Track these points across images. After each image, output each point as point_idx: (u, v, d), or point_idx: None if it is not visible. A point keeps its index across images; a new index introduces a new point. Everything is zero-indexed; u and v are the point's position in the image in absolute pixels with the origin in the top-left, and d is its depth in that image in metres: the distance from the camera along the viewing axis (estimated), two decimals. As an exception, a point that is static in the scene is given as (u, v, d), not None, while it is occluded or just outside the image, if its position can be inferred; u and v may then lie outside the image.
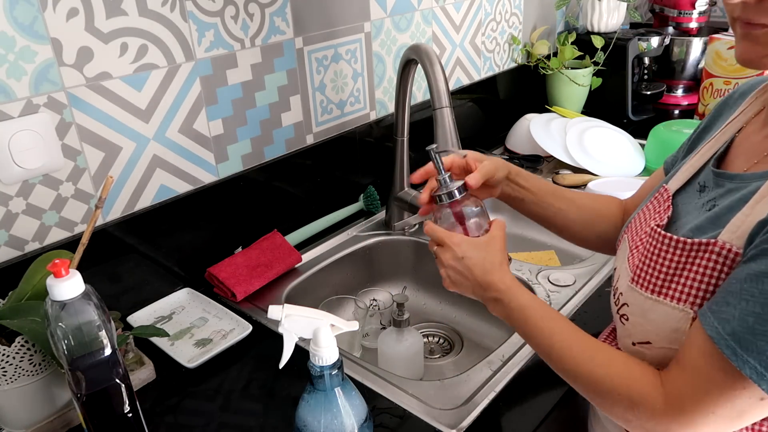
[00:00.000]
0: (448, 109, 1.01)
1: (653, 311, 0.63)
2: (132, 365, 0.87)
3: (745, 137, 0.66)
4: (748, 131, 0.66)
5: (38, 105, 0.85)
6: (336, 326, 0.65)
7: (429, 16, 1.42)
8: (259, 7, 1.07)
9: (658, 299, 0.62)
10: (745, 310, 0.51)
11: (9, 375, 0.72)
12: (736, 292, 0.53)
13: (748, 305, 0.51)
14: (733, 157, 0.65)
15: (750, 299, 0.51)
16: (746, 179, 0.59)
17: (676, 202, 0.68)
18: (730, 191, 0.60)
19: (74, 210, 0.93)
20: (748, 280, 0.52)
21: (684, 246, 0.60)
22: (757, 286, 0.51)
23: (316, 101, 1.23)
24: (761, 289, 0.50)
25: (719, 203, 0.61)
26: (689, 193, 0.67)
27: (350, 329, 0.66)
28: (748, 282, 0.52)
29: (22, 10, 0.81)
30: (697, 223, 0.62)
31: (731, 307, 0.53)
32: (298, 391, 0.66)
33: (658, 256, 0.63)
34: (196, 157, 1.06)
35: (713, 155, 0.67)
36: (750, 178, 0.59)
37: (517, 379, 0.85)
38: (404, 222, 1.27)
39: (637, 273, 0.66)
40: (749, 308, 0.51)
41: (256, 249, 1.12)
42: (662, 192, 0.71)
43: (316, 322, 0.64)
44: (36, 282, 0.77)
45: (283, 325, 0.65)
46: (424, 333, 1.19)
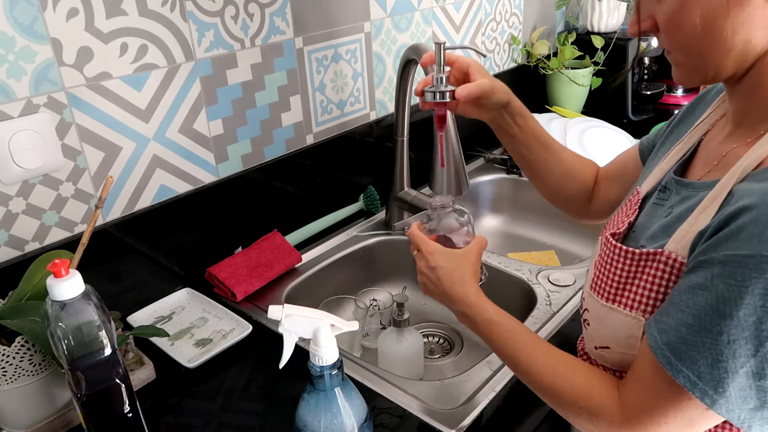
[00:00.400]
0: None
1: (609, 318, 0.64)
2: (132, 365, 0.87)
3: (706, 143, 0.66)
4: (710, 136, 0.66)
5: (38, 105, 0.85)
6: (336, 326, 0.65)
7: (429, 16, 1.42)
8: (259, 7, 1.07)
9: (612, 307, 0.64)
10: (680, 320, 0.53)
11: (9, 375, 0.72)
12: (676, 303, 0.54)
13: (683, 316, 0.52)
14: (695, 163, 0.66)
15: (685, 310, 0.52)
16: (697, 188, 0.60)
17: (645, 206, 0.69)
18: (684, 199, 0.61)
19: (74, 210, 0.93)
20: (686, 292, 0.53)
21: (633, 256, 0.62)
22: (692, 298, 0.52)
23: (316, 101, 1.23)
24: (694, 300, 0.52)
25: (674, 210, 0.62)
26: (657, 197, 0.68)
27: (350, 329, 0.66)
28: (686, 294, 0.53)
29: (22, 10, 0.81)
30: (653, 231, 0.63)
31: (670, 317, 0.54)
32: (298, 391, 0.66)
33: (611, 265, 0.65)
34: (196, 157, 1.06)
35: (678, 160, 0.68)
36: (700, 186, 0.60)
37: (516, 379, 0.85)
38: (404, 222, 1.27)
39: (595, 280, 0.68)
40: (683, 319, 0.52)
41: (256, 249, 1.12)
42: (634, 194, 0.72)
43: (316, 322, 0.64)
44: (36, 282, 0.77)
45: (283, 325, 0.65)
46: (424, 333, 1.19)
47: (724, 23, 0.53)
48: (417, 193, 1.26)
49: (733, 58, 0.55)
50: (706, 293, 0.50)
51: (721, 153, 0.61)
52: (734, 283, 0.48)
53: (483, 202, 1.54)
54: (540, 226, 1.49)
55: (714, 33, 0.54)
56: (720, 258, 0.50)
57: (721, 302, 0.49)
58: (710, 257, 0.51)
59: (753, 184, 0.51)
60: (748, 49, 0.54)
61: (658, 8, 0.58)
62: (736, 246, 0.49)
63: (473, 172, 1.54)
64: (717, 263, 0.50)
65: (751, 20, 0.52)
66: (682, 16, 0.55)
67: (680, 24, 0.55)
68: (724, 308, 0.49)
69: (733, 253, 0.49)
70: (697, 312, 0.51)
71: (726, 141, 0.62)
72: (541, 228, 1.49)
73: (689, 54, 0.57)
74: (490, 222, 1.54)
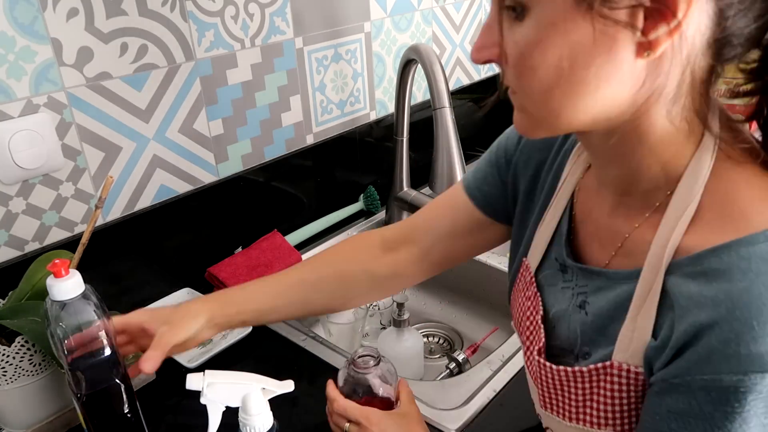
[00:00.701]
0: (448, 109, 1.01)
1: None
2: (132, 365, 0.87)
3: (586, 212, 0.58)
4: (585, 202, 0.59)
5: (38, 105, 0.85)
6: (268, 389, 0.61)
7: (429, 16, 1.42)
8: (259, 7, 1.07)
9: (578, 426, 0.57)
10: None
11: (9, 375, 0.72)
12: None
13: None
14: (585, 239, 0.58)
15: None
16: (612, 278, 0.53)
17: (540, 284, 0.62)
18: (599, 289, 0.54)
19: (74, 210, 0.93)
20: (674, 420, 0.46)
21: (583, 375, 0.55)
22: (686, 428, 0.45)
23: (316, 101, 1.23)
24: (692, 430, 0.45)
25: (591, 301, 0.55)
26: (551, 272, 0.61)
27: (284, 391, 0.61)
28: (674, 422, 0.46)
29: (22, 10, 0.81)
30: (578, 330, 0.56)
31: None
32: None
33: (562, 386, 0.57)
34: (196, 157, 1.06)
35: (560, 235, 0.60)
36: (615, 277, 0.53)
37: (516, 379, 0.85)
38: (404, 222, 1.27)
39: (547, 401, 0.60)
40: None
41: (256, 249, 1.12)
42: (524, 269, 0.64)
43: (244, 387, 0.60)
44: (36, 282, 0.77)
45: (205, 395, 0.59)
46: (424, 333, 1.19)
47: (586, 74, 0.43)
48: (417, 193, 1.26)
49: (592, 117, 0.46)
50: (705, 423, 0.44)
51: (620, 233, 0.53)
52: (732, 411, 0.42)
53: (483, 202, 1.54)
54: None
55: (572, 83, 0.44)
56: (700, 383, 0.44)
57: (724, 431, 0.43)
58: (685, 381, 0.45)
59: (690, 284, 0.45)
60: (612, 109, 0.46)
61: (509, 36, 0.46)
62: (715, 369, 0.43)
63: (473, 172, 1.54)
64: (699, 389, 0.44)
65: (618, 74, 0.43)
66: (537, 55, 0.44)
67: (534, 65, 0.44)
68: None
69: (715, 378, 0.43)
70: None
71: (616, 215, 0.54)
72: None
73: (539, 102, 0.47)
74: (490, 222, 1.54)
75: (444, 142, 1.02)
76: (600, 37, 0.42)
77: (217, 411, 0.61)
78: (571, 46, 0.43)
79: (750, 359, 0.41)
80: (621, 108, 0.46)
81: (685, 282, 0.46)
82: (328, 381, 0.70)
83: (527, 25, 0.44)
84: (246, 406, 0.59)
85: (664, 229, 0.48)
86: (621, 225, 0.53)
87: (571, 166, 0.60)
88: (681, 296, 0.46)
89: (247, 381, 0.61)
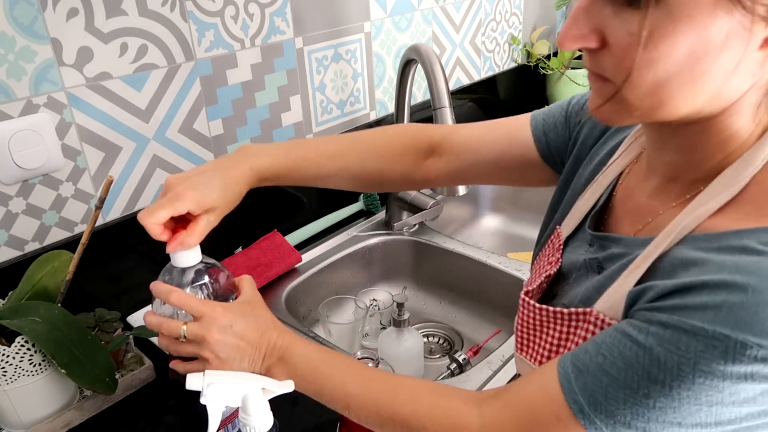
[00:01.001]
0: (448, 109, 1.01)
1: None
2: (132, 365, 0.87)
3: (628, 192, 0.59)
4: (630, 184, 0.59)
5: (38, 105, 0.85)
6: (268, 389, 0.60)
7: (429, 16, 1.42)
8: (259, 7, 1.07)
9: None
10: (600, 366, 0.46)
11: (9, 375, 0.72)
12: (597, 343, 0.48)
13: (604, 362, 0.46)
14: (620, 215, 0.59)
15: (608, 356, 0.46)
16: (629, 244, 0.53)
17: (566, 251, 0.62)
18: (615, 256, 0.54)
19: (74, 210, 0.93)
20: (610, 336, 0.47)
21: (562, 317, 0.55)
22: (617, 346, 0.46)
23: (316, 101, 1.23)
24: (621, 351, 0.45)
25: (606, 266, 0.55)
26: (579, 240, 0.61)
27: (284, 391, 0.61)
28: (610, 337, 0.47)
29: (22, 10, 0.81)
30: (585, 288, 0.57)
31: (588, 356, 0.48)
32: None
33: (540, 328, 0.58)
34: (196, 157, 1.06)
35: (594, 207, 0.60)
36: (632, 243, 0.53)
37: (516, 378, 0.85)
38: (404, 222, 1.27)
39: (524, 343, 0.61)
40: (605, 366, 0.46)
41: (256, 249, 1.12)
42: (555, 236, 0.64)
43: (244, 387, 0.59)
44: (36, 282, 0.77)
45: (205, 395, 0.59)
46: (424, 333, 1.19)
47: (711, 67, 0.41)
48: (417, 193, 1.25)
49: (695, 109, 0.45)
50: (638, 350, 0.44)
51: (654, 211, 0.53)
52: (674, 351, 0.42)
53: (483, 202, 1.54)
54: (540, 226, 1.49)
55: (694, 76, 0.42)
56: (662, 318, 0.43)
57: (654, 366, 0.43)
58: (650, 314, 0.45)
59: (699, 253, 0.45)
60: (712, 103, 0.45)
61: (618, 24, 0.43)
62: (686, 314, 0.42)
63: (473, 172, 1.54)
64: (656, 323, 0.44)
65: (739, 69, 0.42)
66: (664, 47, 0.41)
67: (655, 57, 0.42)
68: (657, 374, 0.43)
69: (680, 319, 0.42)
70: (623, 366, 0.45)
71: (655, 196, 0.54)
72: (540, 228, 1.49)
73: (646, 93, 0.44)
74: (490, 222, 1.54)
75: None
76: (737, 31, 0.40)
77: (217, 411, 0.61)
78: (706, 40, 0.40)
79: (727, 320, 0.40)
80: (723, 100, 0.45)
81: (693, 252, 0.46)
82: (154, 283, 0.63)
83: (655, 14, 0.40)
84: (246, 406, 0.59)
85: (694, 204, 0.48)
86: (657, 206, 0.53)
87: (626, 148, 0.60)
88: (683, 260, 0.46)
89: (247, 381, 0.60)
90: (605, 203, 0.60)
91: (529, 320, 0.60)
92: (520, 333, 0.61)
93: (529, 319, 0.60)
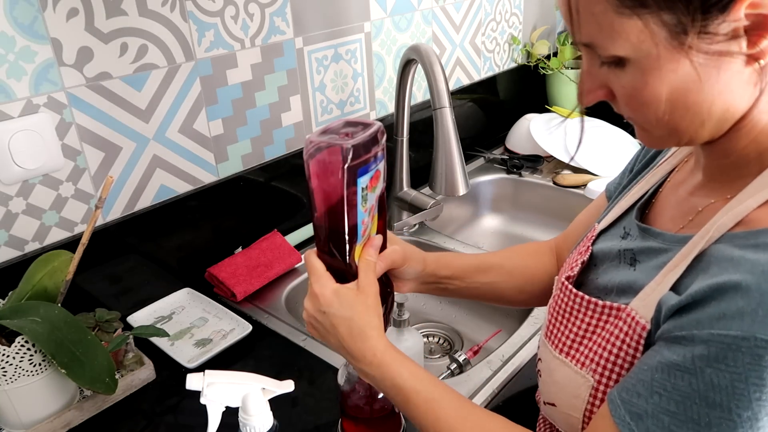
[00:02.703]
0: (448, 109, 1.01)
1: (558, 371, 0.59)
2: (132, 365, 0.87)
3: (673, 187, 0.61)
4: (676, 179, 0.61)
5: (38, 105, 0.85)
6: (268, 389, 0.60)
7: (429, 16, 1.42)
8: (259, 7, 1.07)
9: (564, 360, 0.58)
10: (658, 406, 0.46)
11: (9, 375, 0.72)
12: (647, 382, 0.47)
13: (661, 401, 0.46)
14: (661, 209, 0.60)
15: (663, 394, 0.46)
16: (669, 241, 0.54)
17: (598, 244, 0.64)
18: (653, 251, 0.56)
19: (74, 210, 0.93)
20: (659, 370, 0.47)
21: (595, 308, 0.57)
22: (669, 380, 0.46)
23: (316, 101, 1.23)
24: (674, 383, 0.45)
25: (640, 259, 0.57)
26: (612, 235, 0.63)
27: (284, 391, 0.61)
28: (659, 372, 0.47)
29: (22, 10, 0.81)
30: (619, 280, 0.58)
31: (642, 399, 0.47)
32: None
33: (570, 314, 0.59)
34: (196, 157, 1.06)
35: (638, 200, 0.63)
36: (671, 239, 0.54)
37: (516, 379, 0.85)
38: (404, 222, 1.27)
39: (550, 328, 0.62)
40: (663, 404, 0.46)
41: (256, 249, 1.12)
42: (591, 231, 0.67)
43: (244, 387, 0.59)
44: (36, 282, 0.77)
45: (205, 395, 0.59)
46: (424, 333, 1.19)
47: (697, 97, 0.47)
48: (417, 193, 1.25)
49: (710, 128, 0.49)
50: (690, 377, 0.44)
51: (695, 207, 0.55)
52: (725, 369, 0.42)
53: (483, 202, 1.54)
54: (540, 226, 1.49)
55: (687, 107, 0.48)
56: (704, 336, 0.43)
57: (710, 390, 0.43)
58: (691, 334, 0.45)
59: (735, 251, 0.46)
60: (726, 117, 0.49)
61: (615, 79, 0.50)
62: (724, 325, 0.42)
63: (473, 172, 1.54)
64: (700, 342, 0.44)
65: (729, 88, 0.46)
66: (647, 93, 0.48)
67: (645, 101, 0.48)
68: (714, 397, 0.43)
69: (720, 333, 0.42)
70: (681, 399, 0.44)
71: (698, 193, 0.56)
72: (541, 228, 1.49)
73: (658, 126, 0.50)
74: (490, 222, 1.54)
75: (444, 142, 1.02)
76: (705, 66, 0.45)
77: (217, 411, 0.61)
78: (679, 80, 0.46)
79: (765, 323, 0.41)
80: (735, 115, 0.49)
81: (730, 249, 0.47)
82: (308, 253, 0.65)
83: (630, 71, 0.48)
84: (246, 406, 0.59)
85: (733, 202, 0.50)
86: (699, 202, 0.55)
87: (675, 149, 0.64)
88: (720, 258, 0.47)
89: (247, 381, 0.60)
90: (650, 197, 0.62)
91: (561, 304, 0.61)
92: (549, 317, 0.63)
93: (561, 303, 0.61)
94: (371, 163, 0.60)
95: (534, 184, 1.50)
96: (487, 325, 1.16)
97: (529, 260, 0.82)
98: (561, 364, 0.59)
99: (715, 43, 0.44)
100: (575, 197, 1.42)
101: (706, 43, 0.44)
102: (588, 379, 0.55)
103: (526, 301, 0.83)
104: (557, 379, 0.59)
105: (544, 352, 0.62)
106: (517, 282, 0.80)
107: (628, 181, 0.70)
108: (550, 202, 1.48)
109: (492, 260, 0.81)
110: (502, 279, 0.80)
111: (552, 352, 0.60)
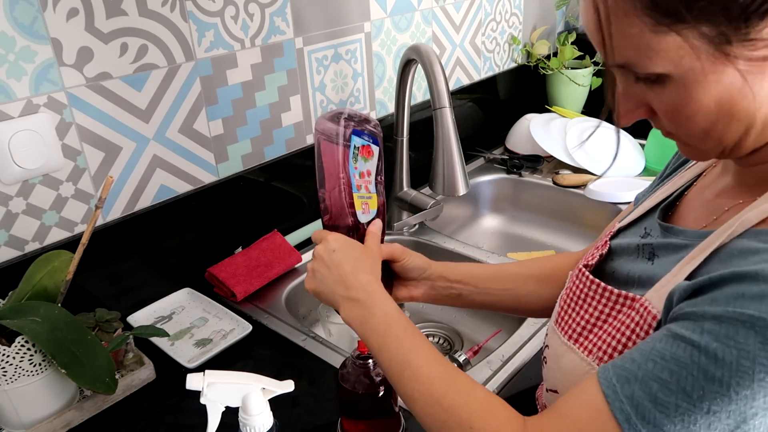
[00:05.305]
0: (448, 109, 1.01)
1: (565, 358, 0.59)
2: (132, 365, 0.87)
3: (699, 190, 0.61)
4: (703, 183, 0.61)
5: (38, 105, 0.85)
6: (268, 389, 0.60)
7: (429, 16, 1.42)
8: (259, 7, 1.07)
9: (572, 347, 0.59)
10: (650, 372, 0.45)
11: (9, 375, 0.72)
12: (646, 351, 0.47)
13: (654, 368, 0.45)
14: (685, 211, 0.61)
15: (658, 361, 0.45)
16: (689, 236, 0.55)
17: (616, 239, 0.65)
18: (672, 246, 0.56)
19: (74, 210, 0.93)
20: (663, 340, 0.46)
21: (610, 295, 0.57)
22: (669, 349, 0.45)
23: (316, 101, 1.23)
24: (673, 353, 0.45)
25: (659, 254, 0.57)
26: (632, 233, 0.63)
27: (284, 391, 0.61)
28: (662, 342, 0.46)
29: (22, 10, 0.81)
30: (636, 273, 0.58)
31: (635, 365, 0.47)
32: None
33: (584, 301, 0.60)
34: (196, 157, 1.06)
35: (661, 202, 0.63)
36: (692, 235, 0.54)
37: (516, 378, 0.85)
38: (404, 222, 1.27)
39: (561, 315, 0.63)
40: (655, 371, 0.45)
41: (256, 249, 1.12)
42: (609, 230, 0.68)
43: (244, 387, 0.59)
44: (36, 282, 0.77)
45: (205, 395, 0.59)
46: (424, 333, 1.19)
47: (744, 104, 0.47)
48: (417, 193, 1.25)
49: (755, 135, 0.49)
50: (693, 349, 0.44)
51: (722, 207, 0.55)
52: (733, 345, 0.42)
53: (483, 202, 1.54)
54: (540, 226, 1.49)
55: (733, 115, 0.47)
56: (717, 312, 0.43)
57: (712, 364, 0.42)
58: (703, 310, 0.44)
59: (759, 245, 0.46)
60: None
61: (654, 96, 0.50)
62: (741, 304, 0.42)
63: (473, 172, 1.54)
64: (711, 317, 0.43)
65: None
66: (692, 107, 0.47)
67: (690, 115, 0.48)
68: (714, 371, 0.42)
69: (736, 310, 0.42)
70: (677, 368, 0.44)
71: (725, 194, 0.56)
72: (541, 228, 1.49)
73: (702, 138, 0.50)
74: (490, 222, 1.54)
75: (444, 142, 1.02)
76: (749, 73, 0.45)
77: (217, 411, 0.61)
78: (724, 90, 0.46)
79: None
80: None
81: (755, 243, 0.47)
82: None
83: (672, 87, 0.47)
84: (246, 406, 0.59)
85: (759, 201, 0.50)
86: (725, 203, 0.55)
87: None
88: (742, 250, 0.47)
89: (247, 381, 0.60)
90: (675, 200, 0.62)
91: (576, 291, 0.62)
92: (561, 304, 0.63)
93: (576, 289, 0.62)
94: (364, 133, 0.72)
95: (534, 184, 1.50)
96: (487, 325, 1.16)
97: (548, 268, 0.81)
98: (568, 350, 0.59)
99: (758, 49, 0.44)
100: (575, 197, 1.42)
101: (749, 50, 0.44)
102: (593, 367, 0.55)
103: (546, 307, 0.79)
104: (562, 365, 0.60)
105: (553, 339, 0.63)
106: (535, 287, 0.79)
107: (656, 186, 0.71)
108: (550, 202, 1.48)
109: (509, 268, 0.81)
110: (519, 285, 0.79)
111: (561, 338, 0.61)
